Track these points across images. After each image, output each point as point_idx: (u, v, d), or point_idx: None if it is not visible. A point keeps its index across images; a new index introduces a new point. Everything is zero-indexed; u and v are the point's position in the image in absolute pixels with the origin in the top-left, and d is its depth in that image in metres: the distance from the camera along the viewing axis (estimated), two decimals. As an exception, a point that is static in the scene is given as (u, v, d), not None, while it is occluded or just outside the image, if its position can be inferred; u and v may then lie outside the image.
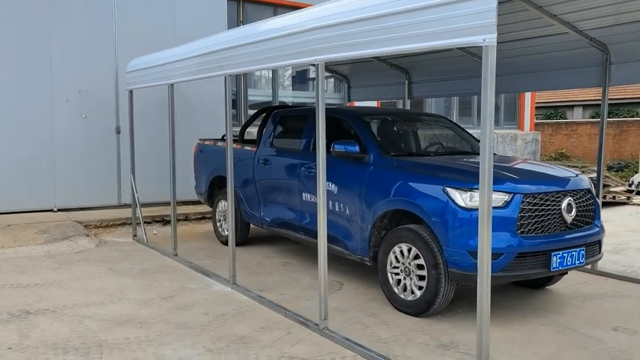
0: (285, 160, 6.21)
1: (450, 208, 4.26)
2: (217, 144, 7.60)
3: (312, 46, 3.96)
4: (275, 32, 4.23)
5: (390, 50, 3.36)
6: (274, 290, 5.30)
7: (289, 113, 6.80)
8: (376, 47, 3.50)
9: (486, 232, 2.93)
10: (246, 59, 4.62)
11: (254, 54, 4.51)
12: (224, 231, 7.33)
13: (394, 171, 4.85)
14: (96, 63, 8.81)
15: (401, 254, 4.68)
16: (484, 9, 2.79)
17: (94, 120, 8.87)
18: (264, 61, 4.42)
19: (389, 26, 3.29)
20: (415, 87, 8.30)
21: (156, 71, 6.60)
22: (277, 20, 4.32)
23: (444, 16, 2.95)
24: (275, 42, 4.26)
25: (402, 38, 3.22)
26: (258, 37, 4.43)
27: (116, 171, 9.11)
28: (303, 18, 3.99)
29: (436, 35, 3.00)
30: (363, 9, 3.46)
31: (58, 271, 5.87)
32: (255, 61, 4.54)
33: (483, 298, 2.97)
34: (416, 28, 3.10)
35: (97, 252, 6.82)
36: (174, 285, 5.43)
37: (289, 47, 4.14)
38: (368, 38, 3.49)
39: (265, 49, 4.40)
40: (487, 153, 2.89)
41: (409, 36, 3.15)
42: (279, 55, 4.25)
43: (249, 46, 4.54)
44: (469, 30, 2.86)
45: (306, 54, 4.02)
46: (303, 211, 5.89)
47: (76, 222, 7.94)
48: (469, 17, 2.85)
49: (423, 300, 4.47)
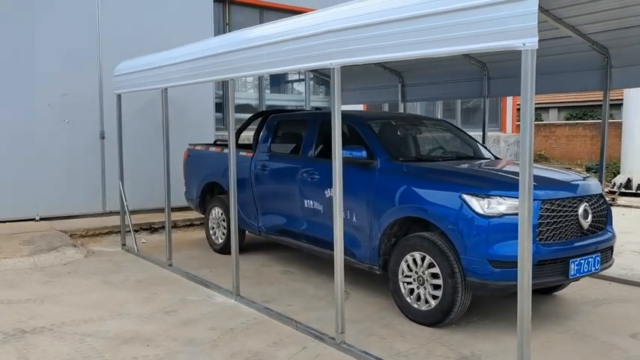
0: (285, 166, 6.04)
1: (468, 216, 4.15)
2: (209, 149, 7.39)
3: (328, 49, 3.81)
4: (289, 34, 4.07)
5: (418, 54, 3.24)
6: (279, 301, 5.13)
7: (288, 118, 6.64)
8: (402, 51, 3.37)
9: (527, 241, 2.82)
10: (255, 62, 4.45)
11: (265, 57, 4.33)
12: (218, 239, 7.12)
13: (405, 177, 4.72)
14: (79, 66, 8.50)
15: (414, 263, 4.56)
16: (524, 12, 2.68)
17: (77, 125, 8.56)
18: (276, 64, 4.25)
19: (418, 29, 3.17)
20: (409, 90, 8.22)
21: (148, 75, 6.37)
22: (291, 22, 4.16)
23: (481, 18, 2.83)
24: (288, 44, 4.09)
25: (432, 42, 3.10)
26: (271, 40, 4.25)
27: (101, 177, 8.81)
28: (320, 20, 3.84)
29: (472, 39, 2.88)
30: (389, 10, 3.32)
31: (48, 285, 5.59)
32: (265, 64, 4.36)
33: (524, 312, 2.87)
34: (449, 31, 2.98)
35: (87, 263, 6.54)
36: (175, 297, 5.21)
37: (303, 50, 3.98)
38: (393, 42, 3.36)
39: (277, 52, 4.23)
40: (527, 159, 2.78)
41: (441, 39, 3.03)
42: (292, 59, 4.09)
43: (260, 48, 4.36)
44: (508, 33, 2.75)
45: (322, 57, 3.88)
46: (305, 217, 5.73)
47: (60, 231, 7.63)
48: (508, 20, 2.74)
49: (439, 310, 4.35)
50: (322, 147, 5.80)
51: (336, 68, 3.84)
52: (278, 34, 4.22)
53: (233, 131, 5.06)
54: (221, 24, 10.20)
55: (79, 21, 8.48)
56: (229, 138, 5.08)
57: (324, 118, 5.97)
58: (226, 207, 6.87)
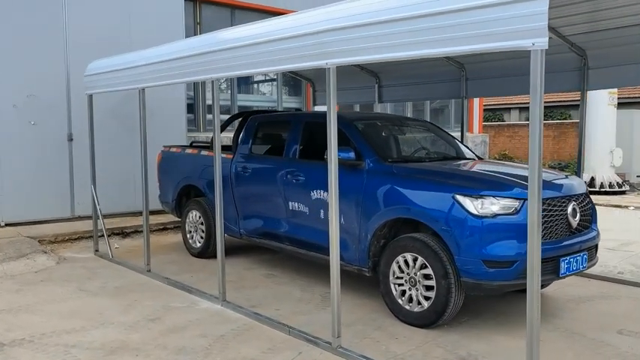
0: (268, 168, 5.94)
1: (461, 216, 4.15)
2: (185, 151, 7.22)
3: (323, 49, 3.74)
4: (280, 33, 3.97)
5: (421, 54, 3.21)
6: (266, 305, 5.02)
7: (269, 119, 6.54)
8: (404, 51, 3.33)
9: (536, 242, 2.81)
10: (242, 62, 4.34)
11: (254, 56, 4.23)
12: (195, 243, 6.96)
13: (395, 178, 4.69)
14: (45, 65, 8.17)
15: (405, 264, 4.53)
16: (535, 11, 2.67)
17: (44, 127, 8.23)
18: (266, 64, 4.15)
19: (422, 28, 3.14)
20: (385, 91, 8.20)
21: (123, 74, 6.16)
22: (283, 20, 4.06)
23: (489, 18, 2.81)
24: (279, 44, 4.00)
25: (436, 41, 3.07)
26: (260, 39, 4.16)
27: (69, 181, 8.49)
28: (316, 18, 3.77)
29: (479, 38, 2.86)
30: (393, 9, 3.28)
31: (22, 294, 5.34)
32: (254, 64, 4.26)
33: (534, 311, 2.84)
34: (455, 31, 2.95)
35: (60, 270, 6.28)
36: (158, 304, 5.05)
37: (296, 50, 3.90)
38: (395, 41, 3.32)
39: (267, 52, 4.13)
40: (537, 159, 2.77)
41: (446, 39, 3.00)
42: (284, 58, 4.00)
43: (249, 47, 4.26)
44: (516, 33, 2.74)
45: (316, 57, 3.80)
46: (289, 220, 5.65)
47: (28, 237, 7.31)
48: (517, 20, 2.73)
49: (433, 311, 4.33)
50: (306, 148, 5.72)
51: (332, 68, 3.77)
52: (268, 33, 4.13)
53: (219, 132, 4.93)
54: (192, 23, 9.99)
55: (45, 18, 8.15)
56: (214, 139, 4.94)
57: (308, 119, 5.90)
58: (204, 210, 6.72)
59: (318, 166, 5.36)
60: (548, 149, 18.15)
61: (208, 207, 6.69)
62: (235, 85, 10.74)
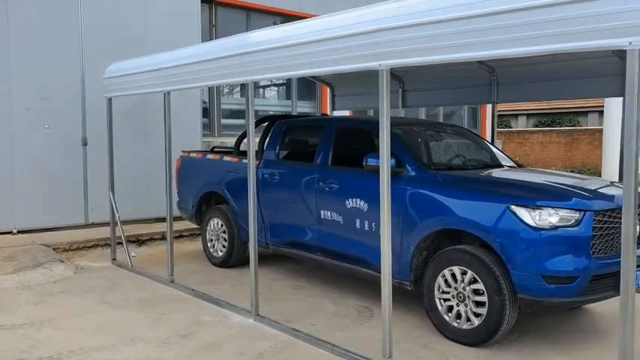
0: (297, 175, 5.69)
1: (518, 228, 3.90)
2: (207, 156, 6.97)
3: (377, 49, 3.51)
4: (329, 33, 3.74)
5: (491, 54, 2.98)
6: (301, 320, 4.77)
7: (298, 123, 6.30)
8: (465, 52, 3.11)
9: (631, 259, 2.57)
10: (282, 63, 4.10)
11: (294, 58, 3.99)
12: (217, 252, 6.70)
13: (441, 187, 4.45)
14: (60, 67, 7.94)
15: (452, 278, 4.28)
16: (633, 7, 2.43)
17: (57, 130, 7.98)
18: (308, 66, 3.91)
19: (493, 27, 2.91)
20: (410, 95, 7.96)
21: (147, 77, 5.92)
22: (333, 19, 3.81)
23: (579, 14, 2.58)
24: (327, 44, 3.76)
25: (512, 40, 2.84)
26: (306, 39, 3.91)
27: (82, 187, 8.24)
28: (370, 17, 3.53)
29: (565, 37, 2.63)
30: (461, 6, 3.04)
31: (42, 307, 5.08)
32: (294, 65, 4.02)
33: (627, 335, 2.59)
34: (537, 29, 2.72)
35: (78, 280, 6.02)
36: (186, 318, 4.79)
37: (345, 50, 3.66)
38: (461, 40, 3.08)
39: (310, 53, 3.89)
40: (632, 167, 2.53)
41: (526, 37, 2.77)
42: (331, 60, 3.76)
43: (289, 48, 4.02)
44: (610, 31, 2.51)
45: (369, 58, 3.57)
46: (321, 229, 5.40)
47: (42, 245, 7.05)
48: (612, 17, 2.49)
49: (484, 329, 4.08)
50: (340, 154, 5.48)
51: (386, 70, 3.54)
52: (312, 33, 3.89)
53: (253, 138, 4.68)
54: (207, 25, 9.77)
55: (59, 21, 7.92)
56: (249, 144, 4.70)
57: (340, 123, 5.66)
58: (227, 218, 6.48)
59: (354, 173, 5.14)
60: (560, 156, 17.95)
61: (231, 215, 6.45)
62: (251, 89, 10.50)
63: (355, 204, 5.01)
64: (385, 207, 3.63)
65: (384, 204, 3.63)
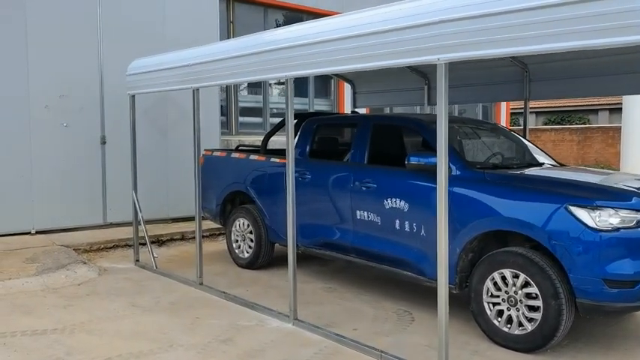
0: (330, 174, 5.52)
1: (578, 230, 3.73)
2: (231, 155, 6.80)
3: (435, 42, 3.34)
4: (383, 25, 3.56)
5: (551, 47, 2.85)
6: (341, 325, 4.60)
7: (329, 121, 6.13)
8: (531, 44, 2.97)
9: None
10: (331, 58, 3.92)
11: (340, 52, 3.82)
12: (243, 253, 6.54)
13: (490, 186, 4.28)
14: (78, 64, 7.78)
15: (503, 282, 4.12)
16: None
17: (76, 129, 7.82)
18: (355, 60, 3.73)
19: (556, 19, 2.75)
20: (435, 93, 7.77)
21: (174, 73, 5.76)
22: (387, 10, 3.62)
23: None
24: (374, 38, 3.59)
25: (576, 33, 2.67)
26: (350, 32, 3.74)
27: (101, 186, 8.08)
28: (428, 8, 3.35)
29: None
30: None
31: (70, 310, 4.92)
32: (339, 60, 3.85)
33: None
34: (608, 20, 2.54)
35: (103, 283, 5.86)
36: (222, 323, 4.62)
37: (402, 44, 3.49)
38: (525, 33, 2.93)
39: (357, 47, 3.72)
40: None
41: (594, 30, 2.60)
42: (382, 54, 3.59)
43: (335, 42, 3.85)
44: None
45: (426, 52, 3.40)
46: (356, 230, 5.23)
47: (63, 246, 6.90)
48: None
49: (539, 334, 3.91)
50: (376, 153, 5.32)
51: (444, 64, 3.37)
52: (360, 26, 3.70)
53: (292, 135, 4.51)
54: (226, 22, 9.60)
55: (78, 17, 7.75)
56: (288, 143, 4.53)
57: (376, 121, 5.48)
58: (254, 218, 6.31)
59: (394, 172, 4.98)
60: (572, 154, 17.77)
61: (258, 215, 6.28)
62: (267, 87, 10.33)
63: (395, 204, 4.85)
64: (442, 209, 3.47)
65: (442, 206, 3.47)
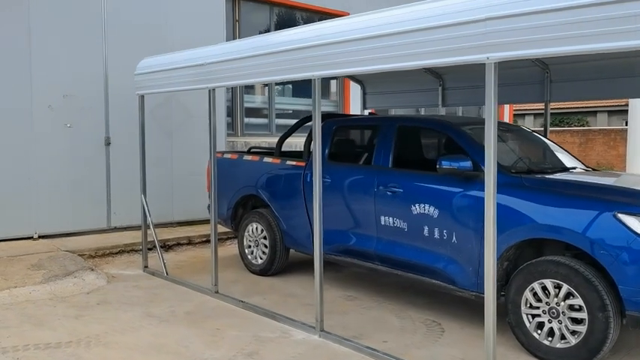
0: (352, 178, 5.31)
1: (629, 238, 3.55)
2: (244, 157, 6.58)
3: (485, 40, 3.14)
4: (427, 22, 3.36)
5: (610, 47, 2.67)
6: (369, 336, 4.40)
7: (350, 123, 5.92)
8: (590, 43, 2.78)
9: None
10: (365, 56, 3.71)
11: (380, 50, 3.61)
12: (256, 259, 6.32)
13: (527, 192, 4.09)
14: (83, 63, 7.53)
15: (544, 292, 3.93)
16: None
17: (80, 129, 7.57)
18: (401, 59, 3.52)
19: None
20: (451, 94, 7.62)
21: (188, 73, 5.53)
22: (429, 6, 3.42)
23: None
24: (416, 36, 3.40)
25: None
26: (388, 30, 3.54)
27: (105, 189, 7.83)
28: (476, 4, 3.16)
29: None
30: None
31: (83, 321, 4.67)
32: (379, 59, 3.64)
33: None
34: None
35: (113, 291, 5.61)
36: (245, 334, 4.40)
37: (446, 42, 3.29)
38: (578, 31, 2.76)
39: (399, 45, 3.52)
40: None
41: None
42: (429, 52, 3.38)
43: (376, 39, 3.63)
44: None
45: (474, 50, 3.21)
46: (380, 237, 5.03)
47: (68, 252, 6.64)
48: None
49: (584, 348, 3.73)
50: (401, 156, 5.12)
51: (494, 64, 3.17)
52: (410, 22, 3.48)
53: (319, 138, 4.30)
54: (232, 21, 9.37)
55: (82, 15, 7.51)
56: (315, 146, 4.31)
57: (400, 123, 5.28)
58: (268, 223, 6.10)
59: (422, 176, 4.78)
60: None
61: (273, 219, 6.07)
62: (272, 87, 10.10)
63: (423, 210, 4.65)
64: (490, 217, 3.27)
65: (490, 214, 3.28)
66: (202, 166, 8.07)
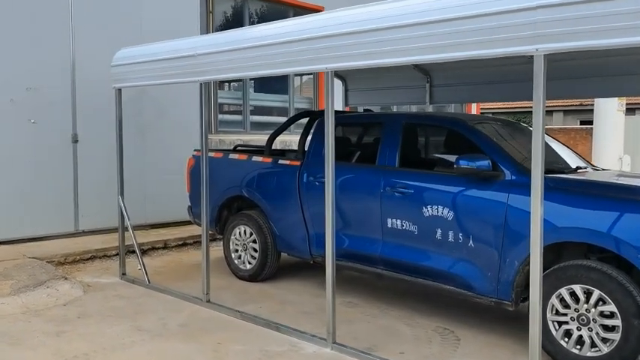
0: (356, 178, 5.03)
1: (668, 242, 3.40)
2: (229, 156, 6.19)
3: (536, 30, 2.92)
4: (471, 9, 3.09)
5: None
6: (383, 347, 4.12)
7: (350, 120, 5.63)
8: None
9: None
10: (395, 47, 3.42)
11: (414, 40, 3.33)
12: (244, 264, 5.95)
13: (555, 193, 3.88)
14: (48, 53, 6.95)
15: (572, 298, 3.75)
16: None
17: (45, 126, 6.98)
18: (433, 50, 3.26)
19: None
20: (438, 91, 7.41)
21: (174, 65, 5.11)
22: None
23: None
24: (468, 23, 3.12)
25: None
26: (438, 16, 3.22)
27: (73, 190, 7.26)
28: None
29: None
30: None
31: (66, 338, 4.20)
32: (414, 49, 3.35)
33: None
34: None
35: (92, 302, 5.14)
36: (250, 349, 4.05)
37: (491, 32, 3.04)
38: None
39: (432, 35, 3.25)
40: None
41: None
42: (473, 42, 3.12)
43: (405, 29, 3.35)
44: None
45: (521, 41, 2.98)
46: (387, 240, 4.77)
47: (35, 259, 6.08)
48: None
49: (617, 356, 3.56)
50: (409, 155, 4.87)
51: (543, 56, 2.95)
52: (448, 9, 3.20)
53: (332, 136, 3.99)
54: (205, 13, 8.90)
55: (48, 4, 6.91)
56: (327, 145, 4.00)
57: (406, 120, 5.03)
58: (258, 225, 5.74)
59: (435, 176, 4.54)
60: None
61: (264, 222, 5.71)
62: (248, 83, 9.68)
63: (436, 212, 4.40)
64: (537, 221, 3.04)
65: (537, 216, 3.04)
66: (177, 165, 7.62)
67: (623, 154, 13.09)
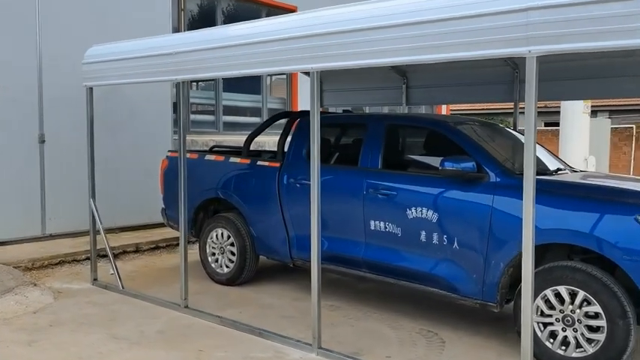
0: (338, 180, 4.96)
1: (653, 243, 3.44)
2: (205, 157, 6.05)
3: (528, 32, 2.90)
4: (458, 10, 3.06)
5: None
6: (369, 351, 4.07)
7: (332, 120, 5.55)
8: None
9: None
10: (381, 47, 3.38)
11: (401, 41, 3.29)
12: (222, 267, 5.82)
13: (542, 196, 3.87)
14: (12, 49, 6.65)
15: (557, 299, 3.76)
16: None
17: (9, 125, 6.69)
18: (421, 51, 3.22)
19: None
20: (415, 92, 7.41)
21: (151, 63, 4.95)
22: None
23: None
24: (451, 25, 3.10)
25: None
26: (427, 17, 3.19)
27: (40, 192, 6.98)
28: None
29: None
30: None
31: (39, 348, 4.01)
32: (398, 50, 3.31)
33: None
34: None
35: (64, 309, 4.93)
36: (235, 356, 3.94)
37: (481, 33, 3.02)
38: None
39: (424, 35, 3.21)
40: None
41: None
42: (464, 43, 3.09)
43: (392, 29, 3.31)
44: None
45: (512, 43, 2.96)
46: (370, 243, 4.72)
47: (0, 264, 5.82)
48: None
49: (603, 357, 3.59)
50: (392, 156, 4.83)
51: (535, 58, 2.94)
52: (439, 10, 3.16)
53: (318, 136, 3.91)
54: (176, 11, 8.71)
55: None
56: (313, 146, 3.92)
57: (390, 121, 4.99)
58: (236, 228, 5.63)
59: (419, 178, 4.52)
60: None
61: (242, 224, 5.60)
62: (220, 83, 9.51)
63: (420, 214, 4.37)
64: (530, 223, 3.03)
65: (529, 219, 3.03)
66: (149, 167, 7.45)
67: (589, 155, 13.39)
